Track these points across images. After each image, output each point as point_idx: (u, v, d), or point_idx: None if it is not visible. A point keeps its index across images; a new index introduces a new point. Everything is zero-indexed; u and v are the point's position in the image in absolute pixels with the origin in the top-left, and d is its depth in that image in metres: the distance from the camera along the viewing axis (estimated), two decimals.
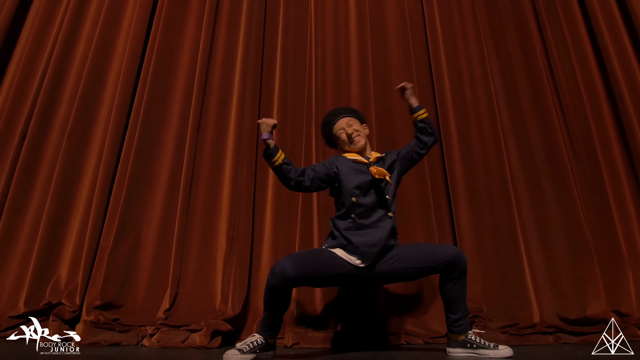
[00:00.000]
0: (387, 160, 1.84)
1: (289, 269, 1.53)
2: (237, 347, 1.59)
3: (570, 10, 2.75)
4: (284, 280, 1.54)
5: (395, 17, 2.82)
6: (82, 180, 2.49)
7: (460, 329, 1.67)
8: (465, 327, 1.68)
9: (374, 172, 1.72)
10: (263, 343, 1.63)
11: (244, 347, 1.58)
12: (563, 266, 2.20)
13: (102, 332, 2.01)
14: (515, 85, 2.61)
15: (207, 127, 2.59)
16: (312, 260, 1.62)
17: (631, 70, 2.55)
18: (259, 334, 1.65)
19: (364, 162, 1.80)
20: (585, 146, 2.46)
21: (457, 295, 1.66)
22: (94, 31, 2.76)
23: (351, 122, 1.88)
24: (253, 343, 1.61)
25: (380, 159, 1.83)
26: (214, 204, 2.43)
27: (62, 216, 2.39)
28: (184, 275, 2.26)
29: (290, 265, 1.54)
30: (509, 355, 1.61)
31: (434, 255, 1.65)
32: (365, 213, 1.70)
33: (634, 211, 2.38)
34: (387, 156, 1.87)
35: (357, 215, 1.70)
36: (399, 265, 1.67)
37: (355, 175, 1.75)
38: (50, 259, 2.31)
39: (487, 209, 2.35)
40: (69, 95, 2.65)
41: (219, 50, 2.77)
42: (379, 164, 1.80)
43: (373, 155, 1.84)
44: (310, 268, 1.57)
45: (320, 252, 1.70)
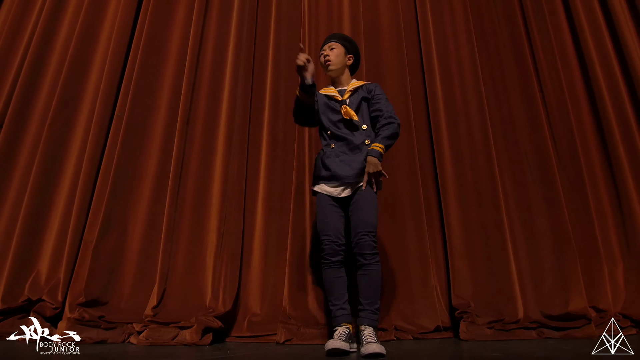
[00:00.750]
0: (359, 95, 1.94)
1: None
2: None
3: (557, 15, 2.84)
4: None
5: (388, 17, 2.83)
6: (63, 172, 2.39)
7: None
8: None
9: (344, 112, 1.87)
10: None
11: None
12: (547, 263, 2.27)
13: (86, 329, 1.94)
14: (505, 87, 2.67)
15: (197, 120, 2.53)
16: (320, 217, 1.84)
17: (613, 76, 2.65)
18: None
19: (337, 99, 1.93)
20: (569, 149, 2.55)
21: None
22: (78, 15, 2.65)
23: (333, 47, 1.99)
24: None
25: (355, 91, 1.95)
26: (204, 198, 2.38)
27: (42, 209, 2.29)
28: (173, 271, 2.20)
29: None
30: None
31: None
32: (341, 143, 1.85)
33: (610, 212, 2.49)
34: (360, 90, 1.96)
35: (336, 146, 1.85)
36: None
37: (328, 112, 1.92)
38: (30, 253, 2.21)
39: (476, 207, 2.40)
40: (49, 82, 2.53)
41: (209, 40, 2.71)
42: (353, 97, 1.93)
43: (348, 89, 1.95)
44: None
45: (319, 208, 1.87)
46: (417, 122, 2.56)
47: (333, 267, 1.78)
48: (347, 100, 1.92)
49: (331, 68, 1.97)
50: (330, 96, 1.95)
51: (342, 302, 1.76)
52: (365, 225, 1.74)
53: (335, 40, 2.00)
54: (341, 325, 1.71)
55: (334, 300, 1.76)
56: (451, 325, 2.16)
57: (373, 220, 1.77)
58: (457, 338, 2.04)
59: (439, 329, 2.12)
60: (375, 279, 1.73)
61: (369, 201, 1.78)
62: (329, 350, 1.58)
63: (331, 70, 1.97)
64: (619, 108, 2.57)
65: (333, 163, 1.82)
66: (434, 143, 2.51)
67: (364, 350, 1.57)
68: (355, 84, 1.98)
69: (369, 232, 1.74)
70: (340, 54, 1.97)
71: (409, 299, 2.21)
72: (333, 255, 1.77)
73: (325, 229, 1.80)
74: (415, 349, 1.80)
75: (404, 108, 2.55)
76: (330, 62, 1.95)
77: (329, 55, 1.96)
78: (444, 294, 2.26)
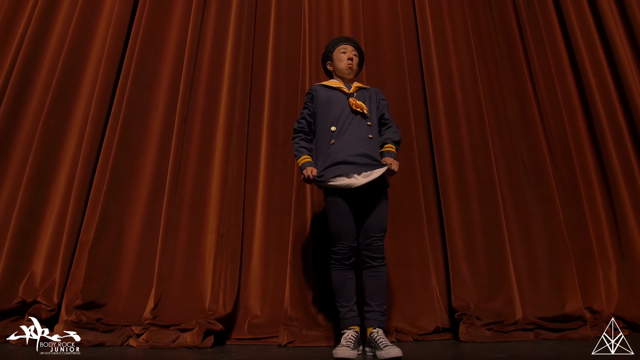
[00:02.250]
0: (363, 93, 1.95)
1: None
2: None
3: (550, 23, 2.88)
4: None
5: (388, 18, 2.83)
6: (59, 171, 2.34)
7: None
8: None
9: (352, 103, 1.84)
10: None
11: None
12: (543, 265, 2.31)
13: (84, 332, 1.90)
14: (502, 92, 2.70)
15: (195, 119, 2.49)
16: (335, 220, 1.78)
17: (604, 81, 2.70)
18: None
19: (345, 91, 1.92)
20: (563, 152, 2.59)
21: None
22: (73, 9, 2.58)
23: (356, 54, 2.02)
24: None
25: (360, 89, 1.95)
26: (202, 198, 2.35)
27: (36, 208, 2.24)
28: (171, 272, 2.17)
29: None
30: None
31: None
32: (344, 137, 1.80)
33: (604, 215, 2.54)
34: (365, 90, 1.97)
35: (336, 140, 1.80)
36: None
37: (332, 106, 1.88)
38: (24, 254, 2.16)
39: (476, 208, 2.42)
40: (44, 79, 2.47)
41: (208, 38, 2.67)
42: (359, 93, 1.92)
43: (354, 86, 1.95)
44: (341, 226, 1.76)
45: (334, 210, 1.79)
46: (416, 123, 2.57)
47: (344, 268, 1.78)
48: (355, 94, 1.92)
49: (351, 76, 2.02)
50: (336, 88, 1.94)
51: (351, 304, 1.75)
52: (379, 230, 1.75)
53: (356, 48, 2.05)
54: (349, 328, 1.71)
55: (343, 302, 1.76)
56: (450, 326, 2.19)
57: (386, 224, 1.80)
58: (457, 339, 2.06)
59: (439, 330, 2.14)
60: (384, 281, 1.74)
61: (384, 206, 1.79)
62: (337, 359, 1.58)
63: (349, 74, 2.01)
64: (611, 112, 2.62)
65: (343, 153, 1.76)
66: (433, 145, 2.53)
67: (384, 354, 1.57)
68: (359, 84, 2.00)
69: (382, 236, 1.76)
70: (358, 62, 2.04)
71: (409, 301, 2.22)
72: (347, 260, 1.77)
73: (341, 234, 1.76)
74: (415, 350, 1.82)
75: (403, 109, 2.56)
76: (352, 70, 2.00)
77: (352, 61, 1.99)
78: (444, 296, 2.28)
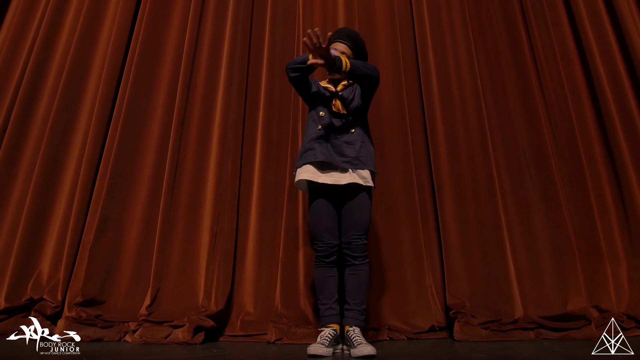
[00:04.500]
0: (353, 87, 1.92)
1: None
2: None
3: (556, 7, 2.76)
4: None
5: (384, 14, 2.80)
6: (64, 174, 2.45)
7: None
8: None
9: (333, 104, 1.86)
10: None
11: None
12: (546, 263, 2.22)
13: (84, 328, 1.99)
14: (503, 83, 2.62)
15: (192, 121, 2.56)
16: (313, 218, 1.82)
17: (615, 70, 2.56)
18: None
19: (331, 90, 1.90)
20: (569, 145, 2.49)
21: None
22: (77, 21, 2.71)
23: (343, 51, 1.91)
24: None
25: (349, 86, 1.92)
26: (198, 198, 2.41)
27: (43, 210, 2.35)
28: (167, 270, 2.24)
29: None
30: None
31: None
32: (330, 131, 1.81)
33: (613, 209, 2.42)
34: (349, 87, 1.93)
35: (325, 133, 1.81)
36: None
37: (319, 102, 1.89)
38: (32, 253, 2.27)
39: (472, 205, 2.36)
40: (50, 87, 2.60)
41: (205, 43, 2.73)
42: (345, 92, 1.90)
43: (341, 85, 1.91)
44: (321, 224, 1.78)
45: (313, 208, 1.82)
46: (411, 119, 2.53)
47: (325, 266, 1.79)
48: (340, 93, 1.89)
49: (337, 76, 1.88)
50: (324, 87, 1.93)
51: (331, 302, 1.76)
52: (359, 229, 1.75)
53: (347, 44, 1.91)
54: (328, 326, 1.71)
55: (324, 299, 1.77)
56: (446, 325, 2.14)
57: (367, 224, 1.79)
58: (452, 338, 2.01)
59: (434, 329, 2.10)
60: (364, 279, 1.74)
61: (365, 205, 1.78)
62: (309, 355, 1.59)
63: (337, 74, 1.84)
64: (621, 102, 2.48)
65: (325, 150, 1.76)
66: (429, 140, 2.48)
67: (357, 352, 1.56)
68: (346, 82, 1.92)
69: (362, 235, 1.75)
70: (350, 56, 1.91)
71: (403, 299, 2.19)
72: (327, 257, 1.78)
73: (319, 233, 1.78)
74: (405, 349, 1.79)
75: (398, 105, 2.53)
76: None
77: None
78: (439, 294, 2.23)
